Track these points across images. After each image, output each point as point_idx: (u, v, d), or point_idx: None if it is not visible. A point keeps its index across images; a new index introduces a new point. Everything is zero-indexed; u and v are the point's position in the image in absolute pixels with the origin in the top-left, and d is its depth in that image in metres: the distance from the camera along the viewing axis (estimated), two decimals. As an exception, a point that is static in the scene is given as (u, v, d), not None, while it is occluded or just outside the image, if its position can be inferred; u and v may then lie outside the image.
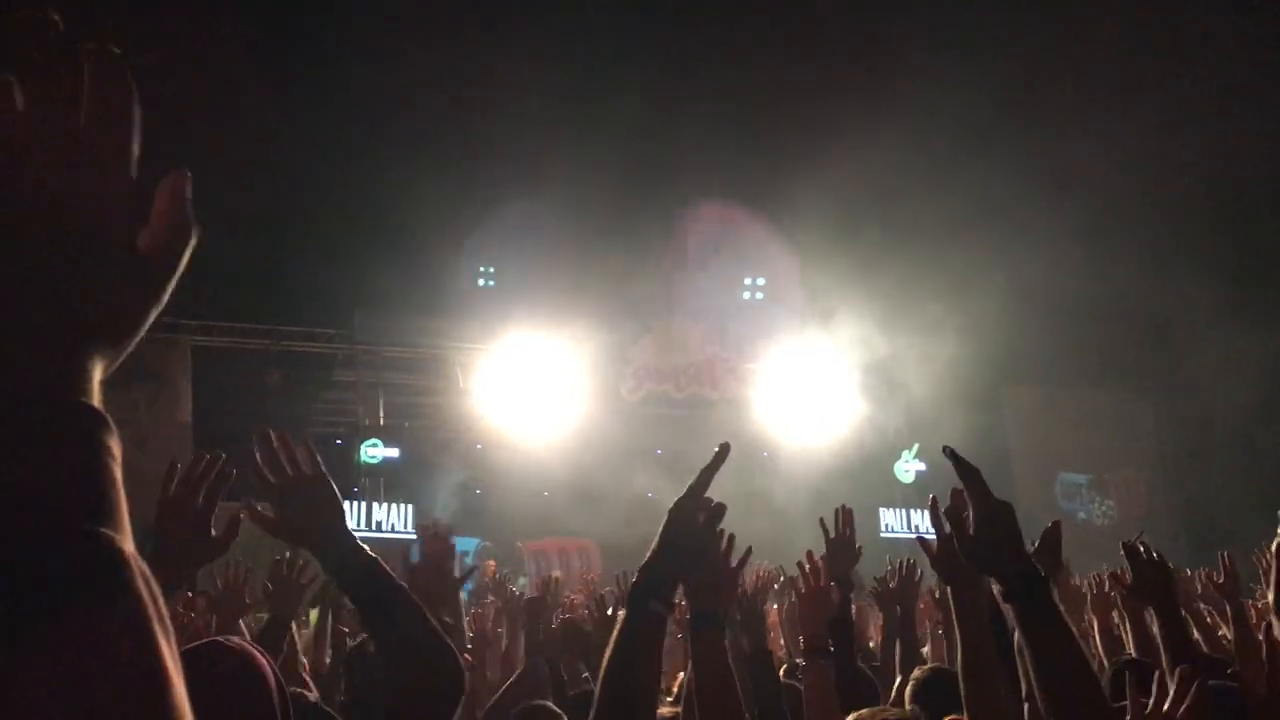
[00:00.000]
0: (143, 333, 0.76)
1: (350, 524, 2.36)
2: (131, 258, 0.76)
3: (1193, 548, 16.79)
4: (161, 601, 0.67)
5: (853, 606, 4.71)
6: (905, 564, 4.91)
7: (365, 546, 2.25)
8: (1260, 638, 2.70)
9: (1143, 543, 3.48)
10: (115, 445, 0.70)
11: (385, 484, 17.22)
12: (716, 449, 2.28)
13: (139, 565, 0.66)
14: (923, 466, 19.54)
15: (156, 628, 0.65)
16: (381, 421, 17.66)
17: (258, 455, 2.30)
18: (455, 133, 18.88)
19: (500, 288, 18.67)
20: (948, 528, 2.45)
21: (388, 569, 2.24)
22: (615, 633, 2.17)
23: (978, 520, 2.30)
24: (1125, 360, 20.28)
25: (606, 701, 2.09)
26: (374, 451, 16.86)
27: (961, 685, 2.57)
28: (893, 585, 4.92)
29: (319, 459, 2.33)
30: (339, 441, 17.89)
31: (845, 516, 4.44)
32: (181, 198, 0.81)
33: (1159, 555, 3.36)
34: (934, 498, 2.57)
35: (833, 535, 4.43)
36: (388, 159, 18.75)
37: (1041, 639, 2.14)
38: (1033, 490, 19.12)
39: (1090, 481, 21.09)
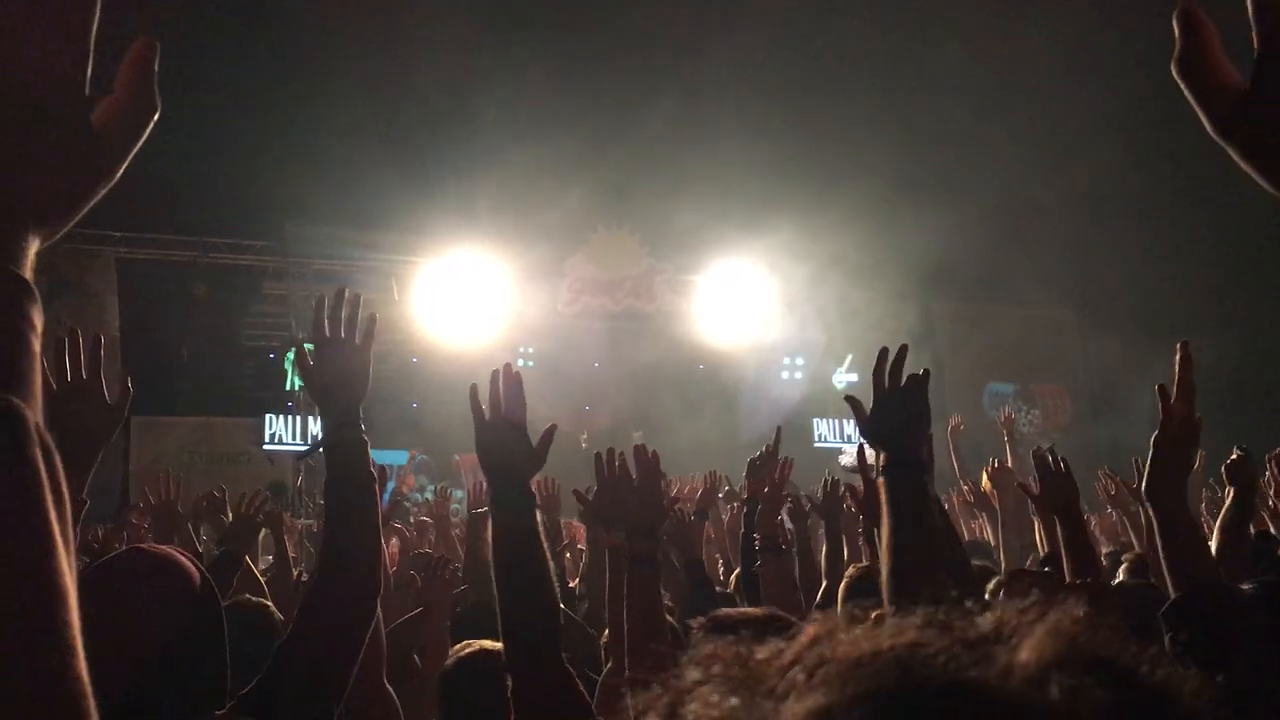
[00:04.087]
0: (88, 208, 0.75)
1: (285, 437, 2.38)
2: (83, 133, 0.74)
3: (1113, 457, 17.36)
4: (61, 477, 0.66)
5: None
6: (831, 482, 5.12)
7: (365, 435, 2.32)
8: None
9: (1051, 452, 3.61)
10: (37, 315, 0.69)
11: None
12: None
13: (41, 434, 0.65)
14: (855, 378, 19.86)
15: (49, 498, 0.64)
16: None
17: (327, 302, 2.41)
18: (388, 40, 18.36)
19: (435, 199, 18.39)
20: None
21: (373, 467, 2.31)
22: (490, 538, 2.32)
23: (876, 401, 2.55)
24: (1053, 275, 20.67)
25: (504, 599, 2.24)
26: (307, 365, 16.64)
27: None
28: (820, 501, 5.12)
29: (373, 334, 2.42)
30: (271, 355, 17.67)
31: (776, 435, 4.69)
32: (146, 70, 0.79)
33: (1066, 465, 3.50)
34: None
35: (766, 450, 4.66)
36: (317, 66, 18.20)
37: (902, 514, 2.34)
38: (962, 399, 19.55)
39: (1016, 391, 21.62)
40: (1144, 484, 2.48)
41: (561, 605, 2.35)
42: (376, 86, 17.39)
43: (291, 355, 16.58)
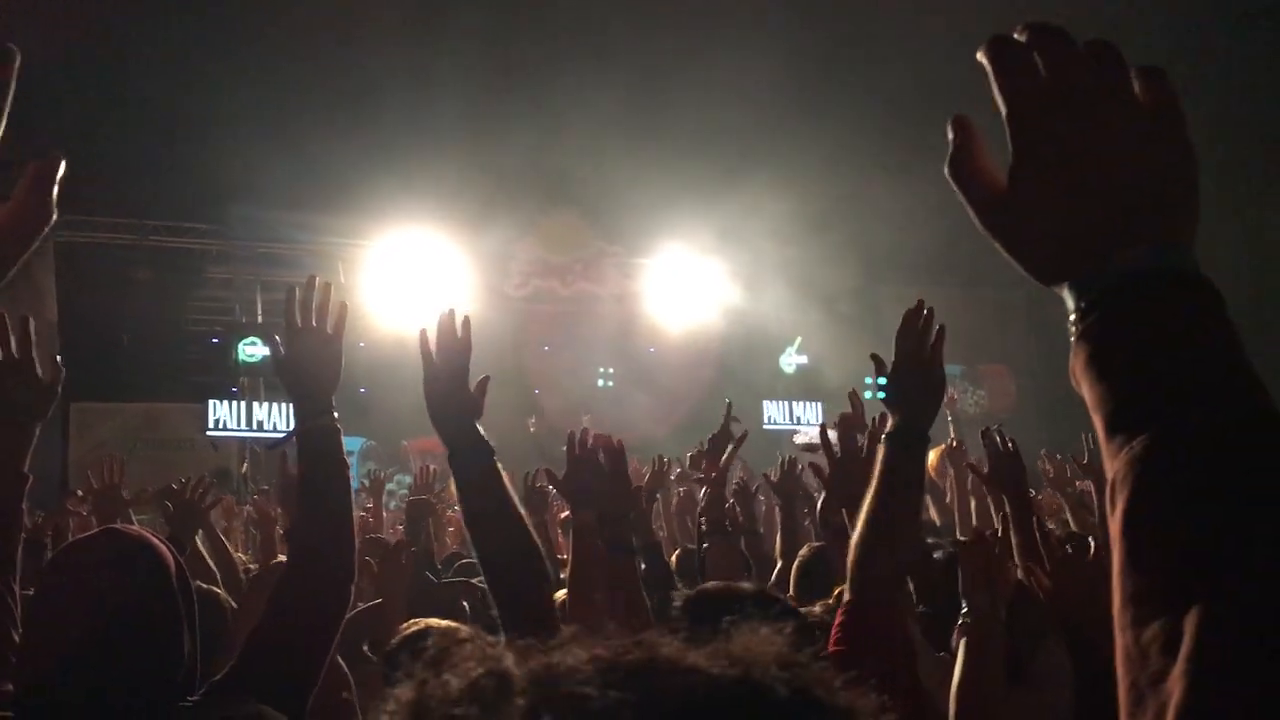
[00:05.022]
0: None
1: (230, 423, 2.40)
2: None
3: (1054, 438, 17.66)
4: None
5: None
6: (787, 461, 5.17)
7: (338, 423, 2.35)
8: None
9: (999, 432, 3.66)
10: None
11: (265, 383, 16.85)
12: None
13: None
14: (804, 360, 20.00)
15: None
16: (260, 319, 17.18)
17: (296, 292, 2.41)
18: (335, 19, 18.07)
19: (382, 182, 18.19)
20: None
21: (344, 453, 2.33)
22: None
23: (898, 368, 2.56)
24: (996, 256, 20.90)
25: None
26: (252, 350, 16.40)
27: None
28: (775, 480, 5.16)
29: (345, 322, 2.44)
30: (215, 340, 17.38)
31: (726, 410, 4.75)
32: (46, 184, 0.83)
33: (1014, 445, 3.55)
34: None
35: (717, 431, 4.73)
36: (262, 45, 17.88)
37: (897, 485, 2.37)
38: (908, 382, 19.80)
39: (963, 372, 21.91)
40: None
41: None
42: (323, 67, 17.15)
43: (239, 340, 16.36)
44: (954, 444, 6.93)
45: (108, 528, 2.19)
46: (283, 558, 3.66)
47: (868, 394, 3.14)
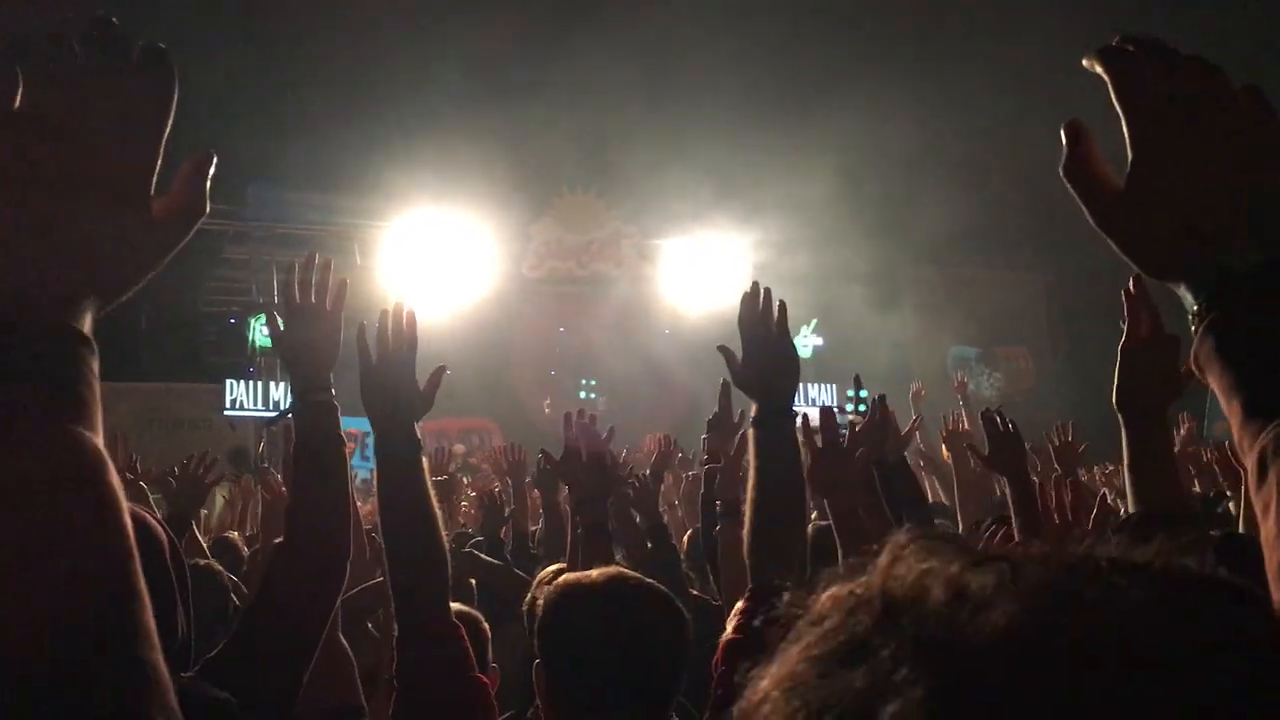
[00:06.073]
0: (134, 290, 0.91)
1: (246, 403, 2.38)
2: (145, 226, 0.89)
3: (1074, 420, 17.53)
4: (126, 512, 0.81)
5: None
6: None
7: (335, 400, 2.35)
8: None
9: (999, 414, 3.66)
10: (95, 363, 0.87)
11: (281, 363, 16.89)
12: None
13: (108, 464, 0.82)
14: (820, 341, 19.92)
15: (126, 518, 0.81)
16: (276, 300, 17.21)
17: (297, 269, 2.43)
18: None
19: (399, 163, 18.18)
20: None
21: (341, 431, 2.33)
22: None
23: (745, 349, 2.55)
24: (1018, 238, 20.78)
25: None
26: (267, 331, 16.44)
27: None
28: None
29: (344, 299, 2.47)
30: (232, 320, 17.45)
31: (723, 390, 4.73)
32: (201, 178, 0.95)
33: (1014, 427, 3.56)
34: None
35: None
36: (280, 27, 17.86)
37: (770, 468, 2.37)
38: (926, 363, 19.69)
39: (979, 355, 21.81)
40: (1114, 394, 2.33)
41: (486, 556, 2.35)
42: (340, 47, 17.12)
43: (255, 320, 16.41)
44: (958, 426, 6.85)
45: None
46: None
47: (849, 406, 3.10)
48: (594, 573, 1.98)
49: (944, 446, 6.91)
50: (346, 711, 2.77)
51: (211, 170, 0.95)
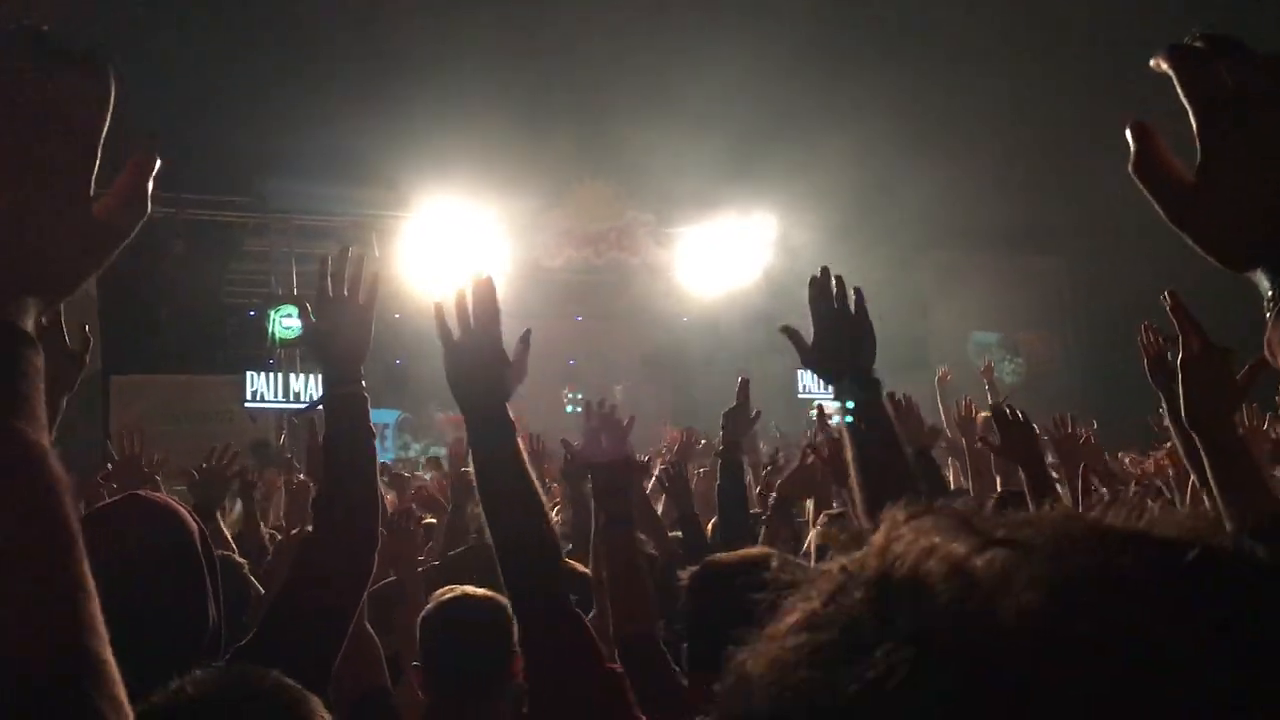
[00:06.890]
0: (78, 290, 0.90)
1: (267, 395, 2.40)
2: (83, 223, 0.89)
3: (1095, 404, 17.45)
4: (70, 504, 0.81)
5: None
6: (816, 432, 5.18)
7: (365, 392, 2.35)
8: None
9: (1009, 406, 3.75)
10: (38, 360, 0.85)
11: (301, 355, 16.97)
12: None
13: (52, 461, 0.82)
14: (841, 328, 19.81)
15: (69, 505, 0.81)
16: (295, 292, 17.27)
17: (330, 262, 2.42)
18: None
19: (416, 153, 18.18)
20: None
21: (369, 421, 2.33)
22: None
23: (818, 328, 2.56)
24: (1039, 222, 20.63)
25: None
26: (289, 322, 16.52)
27: None
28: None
29: (376, 293, 2.44)
30: (252, 313, 17.51)
31: (742, 386, 4.78)
32: (143, 177, 0.94)
33: (1024, 417, 3.61)
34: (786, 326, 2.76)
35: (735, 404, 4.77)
36: (296, 18, 17.88)
37: (864, 438, 2.35)
38: (946, 349, 19.61)
39: (1000, 340, 21.68)
40: (1183, 412, 2.32)
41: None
42: (358, 39, 17.13)
43: (275, 312, 16.47)
44: (971, 411, 6.81)
45: (132, 493, 2.20)
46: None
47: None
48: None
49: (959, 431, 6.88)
50: (374, 692, 2.79)
51: (155, 169, 0.94)
